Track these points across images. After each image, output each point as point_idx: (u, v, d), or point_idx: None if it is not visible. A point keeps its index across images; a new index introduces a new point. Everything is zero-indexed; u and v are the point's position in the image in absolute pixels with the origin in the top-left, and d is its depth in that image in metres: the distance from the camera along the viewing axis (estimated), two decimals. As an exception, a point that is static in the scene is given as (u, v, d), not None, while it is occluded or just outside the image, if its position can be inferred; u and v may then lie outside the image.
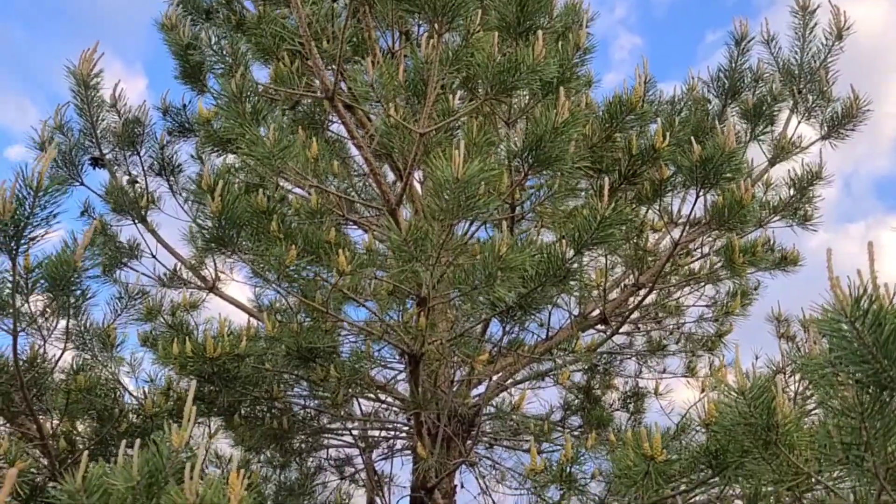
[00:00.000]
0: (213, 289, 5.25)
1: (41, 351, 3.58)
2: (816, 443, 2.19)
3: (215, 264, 5.36)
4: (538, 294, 3.10)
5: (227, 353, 3.76)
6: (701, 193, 3.78)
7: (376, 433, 5.48)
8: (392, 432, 5.25)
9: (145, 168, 5.33)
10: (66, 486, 2.50)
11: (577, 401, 5.01)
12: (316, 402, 4.89)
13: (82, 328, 3.99)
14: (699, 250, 4.98)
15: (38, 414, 3.58)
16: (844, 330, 1.81)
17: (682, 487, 2.91)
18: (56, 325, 3.63)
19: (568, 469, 3.04)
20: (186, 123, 5.24)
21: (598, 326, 5.02)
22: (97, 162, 5.38)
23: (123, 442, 2.62)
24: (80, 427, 4.07)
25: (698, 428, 2.90)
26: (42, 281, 3.30)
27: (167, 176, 5.29)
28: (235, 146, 4.22)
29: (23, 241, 3.05)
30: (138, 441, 2.57)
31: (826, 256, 1.90)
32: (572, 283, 3.10)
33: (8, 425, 3.82)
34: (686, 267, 4.86)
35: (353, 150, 5.92)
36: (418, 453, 3.29)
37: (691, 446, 2.99)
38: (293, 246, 2.91)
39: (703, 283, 4.83)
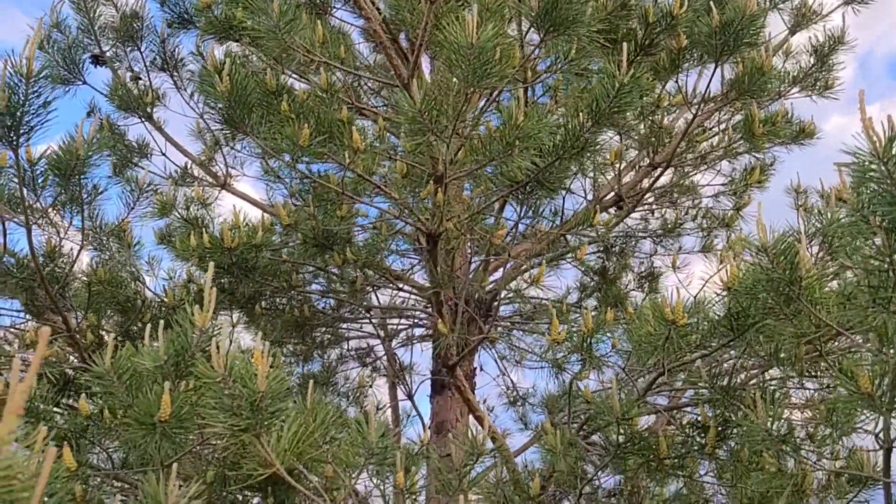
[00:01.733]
0: (224, 185, 5.23)
1: (58, 246, 3.60)
2: (840, 293, 2.20)
3: (225, 161, 5.32)
4: (555, 168, 3.05)
5: (244, 243, 3.78)
6: (720, 62, 3.66)
7: (395, 322, 5.58)
8: (411, 321, 5.34)
9: (147, 64, 5.20)
10: (95, 369, 2.57)
11: (592, 283, 5.04)
12: (331, 297, 4.95)
13: (97, 226, 4.00)
14: (715, 128, 4.88)
15: (62, 310, 3.64)
16: (876, 171, 1.77)
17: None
18: (71, 222, 3.64)
19: (588, 340, 3.08)
20: (186, 14, 5.06)
21: (612, 210, 5.00)
22: (98, 59, 5.25)
23: (148, 325, 2.67)
24: (105, 324, 4.15)
25: (717, 299, 2.90)
26: (50, 175, 3.29)
27: (170, 71, 5.17)
28: (238, 33, 4.10)
29: (22, 131, 3.01)
30: (162, 323, 2.62)
31: (858, 97, 1.84)
32: (589, 156, 3.04)
33: (35, 321, 3.90)
34: (702, 145, 4.77)
35: (357, 39, 5.76)
36: (439, 330, 3.34)
37: (710, 315, 3.01)
38: (305, 125, 2.86)
39: (719, 160, 4.75)
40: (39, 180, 3.20)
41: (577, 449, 2.88)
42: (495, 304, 4.78)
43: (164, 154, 5.25)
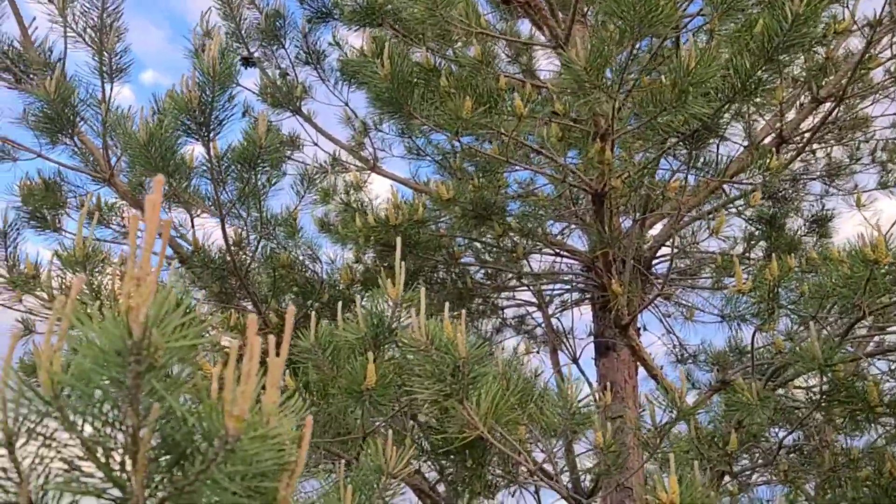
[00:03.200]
0: (374, 168, 5.41)
1: (245, 236, 3.87)
2: None
3: (373, 144, 5.50)
4: (723, 113, 2.92)
5: (407, 220, 3.89)
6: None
7: (549, 288, 5.58)
8: (567, 285, 5.32)
9: (292, 59, 5.45)
10: (302, 344, 2.75)
11: (758, 231, 4.80)
12: (488, 268, 5.00)
13: (267, 217, 4.26)
14: (886, 52, 4.49)
15: (253, 295, 3.91)
16: None
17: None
18: (249, 213, 3.90)
19: (775, 288, 2.95)
20: (324, 8, 5.24)
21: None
22: (247, 61, 5.56)
23: (339, 304, 2.82)
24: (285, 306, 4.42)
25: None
26: (232, 169, 3.54)
27: (314, 64, 5.39)
28: (379, 18, 4.20)
29: (212, 126, 3.25)
30: (340, 304, 2.77)
31: None
32: (761, 96, 2.89)
33: (227, 307, 4.21)
34: (873, 72, 4.40)
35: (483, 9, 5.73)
36: (613, 290, 3.30)
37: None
38: (467, 97, 2.89)
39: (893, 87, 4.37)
40: (224, 173, 3.46)
41: (771, 402, 2.78)
42: (654, 261, 4.68)
43: (315, 144, 5.50)
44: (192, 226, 4.13)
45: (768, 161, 3.16)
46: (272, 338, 1.02)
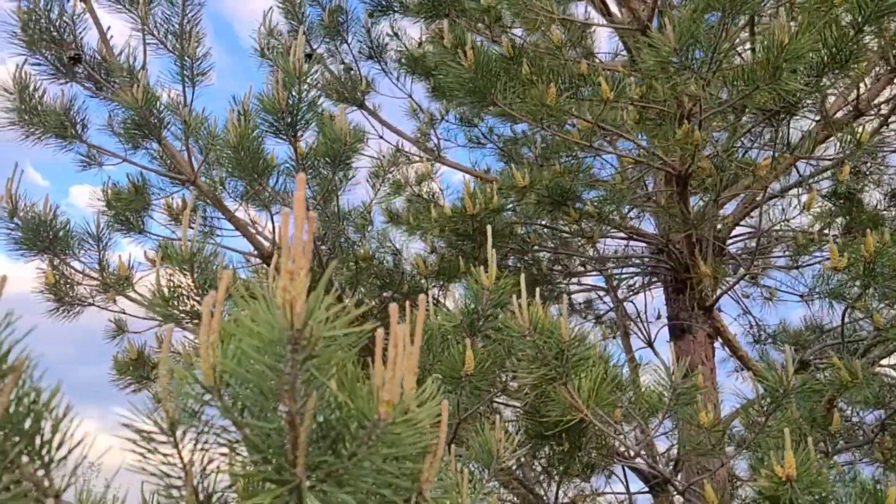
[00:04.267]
0: (438, 158, 5.46)
1: (324, 231, 3.96)
2: None
3: (437, 135, 5.55)
4: (815, 88, 2.88)
5: (483, 208, 3.93)
6: None
7: (619, 273, 5.56)
8: (638, 269, 5.30)
9: (354, 54, 5.53)
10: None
11: (835, 207, 4.70)
12: (560, 253, 5.01)
13: (346, 212, 4.34)
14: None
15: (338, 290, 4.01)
16: None
17: None
18: (327, 208, 3.99)
19: (870, 264, 2.90)
20: (384, 1, 5.29)
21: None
22: (310, 57, 5.65)
23: (421, 296, 2.88)
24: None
25: None
26: (311, 169, 3.62)
27: (377, 57, 5.45)
28: (447, 9, 4.23)
29: (298, 127, 3.33)
30: (422, 296, 2.81)
31: None
32: (854, 67, 2.84)
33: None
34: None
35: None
36: (700, 272, 3.29)
37: None
38: (551, 84, 2.91)
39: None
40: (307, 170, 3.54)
41: (877, 379, 2.75)
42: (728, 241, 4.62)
43: (381, 137, 5.57)
44: (273, 224, 4.25)
45: (859, 135, 3.10)
46: (405, 326, 1.07)
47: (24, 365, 1.04)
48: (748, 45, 3.54)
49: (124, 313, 4.16)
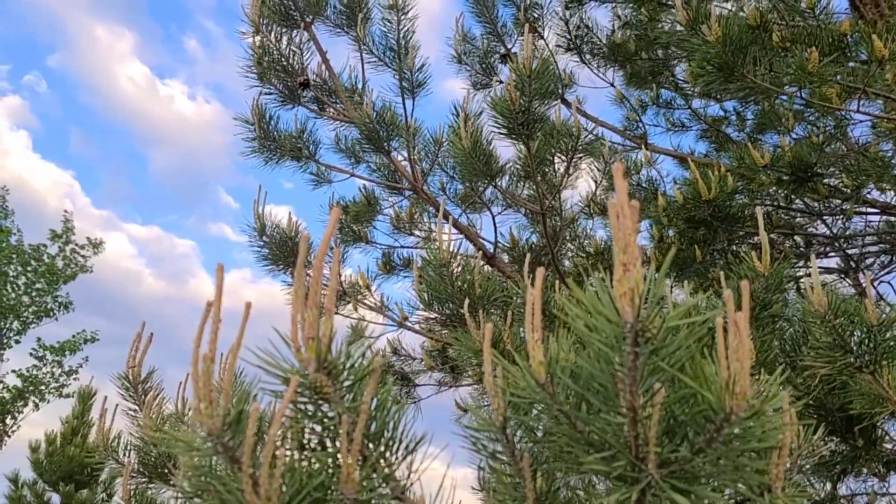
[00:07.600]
0: (647, 145, 5.26)
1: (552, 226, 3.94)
2: None
3: (642, 122, 5.36)
4: None
5: (719, 193, 3.71)
6: None
7: (858, 252, 5.07)
8: (884, 246, 4.79)
9: (552, 48, 5.46)
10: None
11: None
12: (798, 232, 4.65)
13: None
14: None
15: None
16: None
17: None
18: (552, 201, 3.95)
19: None
20: (582, -12, 5.20)
21: None
22: (505, 58, 5.67)
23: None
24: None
25: None
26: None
27: (577, 49, 5.36)
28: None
29: (530, 126, 3.33)
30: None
31: None
32: None
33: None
34: None
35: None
36: None
37: None
38: (813, 48, 2.66)
39: None
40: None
41: None
42: None
43: (585, 129, 5.45)
44: (494, 225, 4.28)
45: None
46: (743, 314, 0.96)
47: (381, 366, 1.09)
48: None
49: (363, 320, 4.38)
